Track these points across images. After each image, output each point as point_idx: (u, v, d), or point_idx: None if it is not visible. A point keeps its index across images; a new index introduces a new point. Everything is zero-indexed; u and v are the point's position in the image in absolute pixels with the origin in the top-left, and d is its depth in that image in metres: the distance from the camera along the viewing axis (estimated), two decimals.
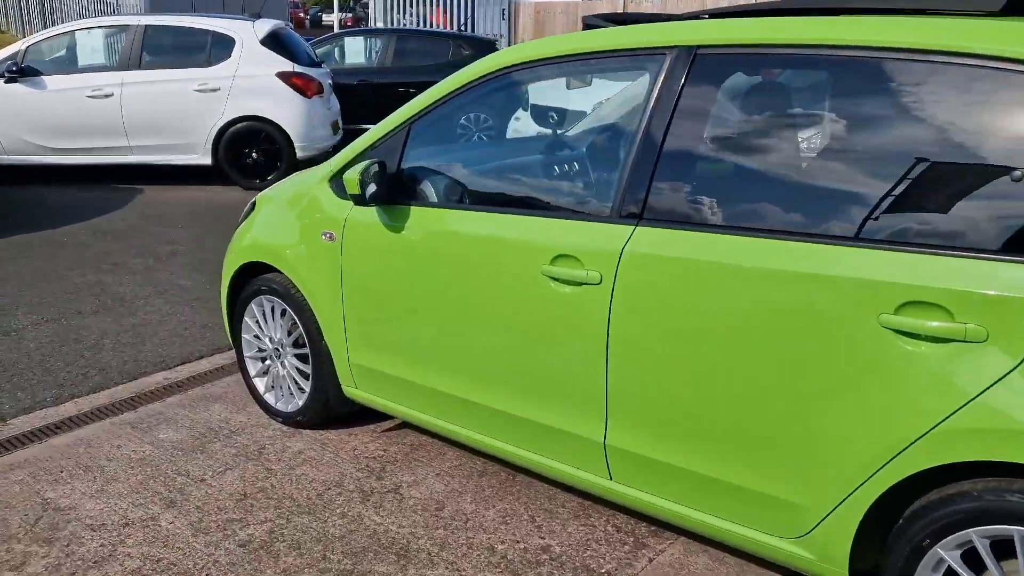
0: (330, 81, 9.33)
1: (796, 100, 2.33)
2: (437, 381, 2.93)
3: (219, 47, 8.56)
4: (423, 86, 11.33)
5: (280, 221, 3.42)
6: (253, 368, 3.74)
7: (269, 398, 3.69)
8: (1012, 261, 1.79)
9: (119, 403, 3.81)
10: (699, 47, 2.30)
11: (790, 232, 2.09)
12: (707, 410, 2.24)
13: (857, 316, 1.95)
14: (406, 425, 3.58)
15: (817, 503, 2.10)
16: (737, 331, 2.15)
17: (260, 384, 3.72)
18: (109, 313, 4.98)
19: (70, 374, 4.12)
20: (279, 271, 3.44)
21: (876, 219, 1.98)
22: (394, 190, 2.93)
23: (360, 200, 2.85)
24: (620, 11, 10.53)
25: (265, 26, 8.75)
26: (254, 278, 3.57)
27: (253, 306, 3.60)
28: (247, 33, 8.57)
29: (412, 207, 2.89)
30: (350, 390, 3.31)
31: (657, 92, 2.34)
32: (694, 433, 2.29)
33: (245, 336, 3.70)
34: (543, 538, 2.78)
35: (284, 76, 8.50)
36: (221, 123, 8.44)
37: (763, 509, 2.23)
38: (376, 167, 2.85)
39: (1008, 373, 1.77)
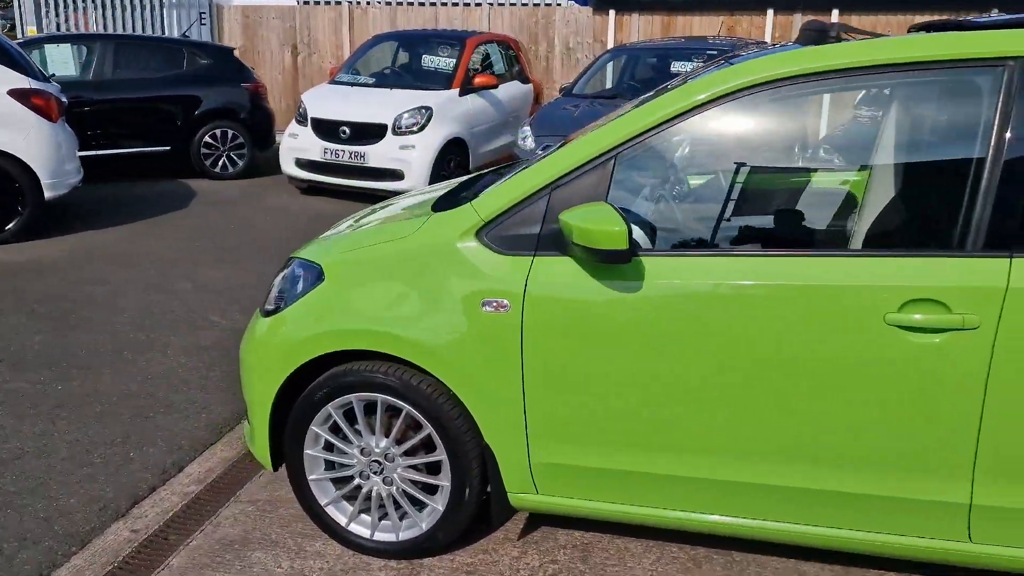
0: (65, 100, 7.47)
1: None
2: (701, 468, 2.37)
3: None
4: (162, 101, 9.70)
5: (385, 292, 2.54)
6: (326, 493, 2.77)
7: (358, 529, 2.76)
8: None
9: None
10: None
11: None
12: None
13: None
14: (538, 526, 2.90)
15: None
16: None
17: (340, 512, 2.77)
18: None
19: None
20: (389, 360, 2.57)
21: None
22: None
23: (615, 257, 2.18)
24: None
25: None
26: (328, 373, 2.63)
27: (332, 410, 2.65)
28: None
29: (656, 257, 2.30)
30: (523, 497, 2.58)
31: (1005, 106, 2.09)
32: None
33: (311, 452, 2.72)
34: None
35: (20, 95, 6.59)
36: None
37: None
38: (619, 210, 2.21)
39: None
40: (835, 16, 10.67)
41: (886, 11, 10.55)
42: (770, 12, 10.93)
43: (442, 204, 2.78)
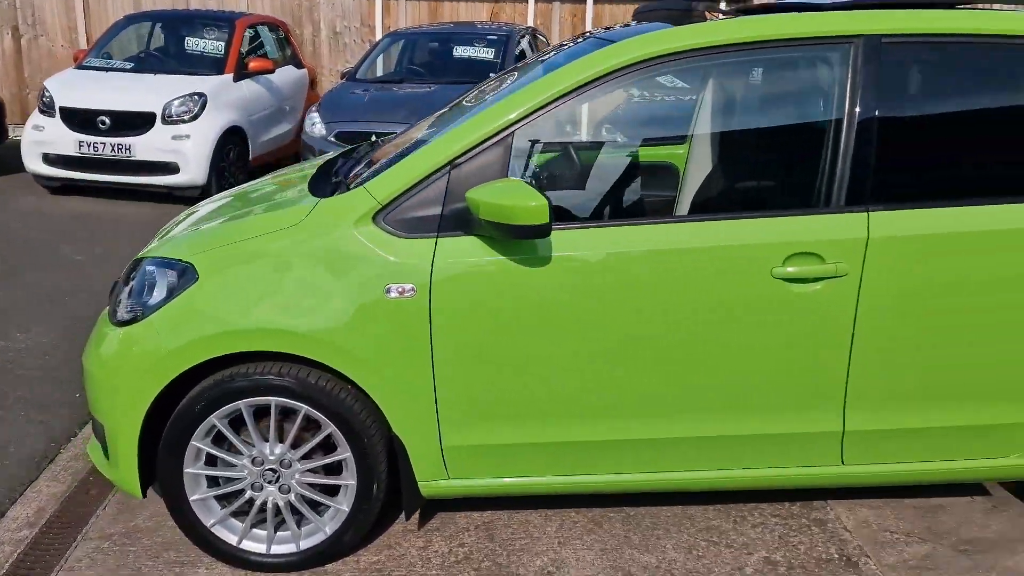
0: None
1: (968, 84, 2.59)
2: (609, 430, 2.46)
3: None
4: None
5: (278, 286, 2.35)
6: (211, 512, 2.52)
7: (252, 545, 2.55)
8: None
9: None
10: (883, 35, 2.40)
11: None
12: (951, 366, 2.45)
13: None
14: (435, 513, 2.86)
15: None
16: (982, 292, 2.40)
17: (229, 531, 2.54)
18: None
19: None
20: (280, 359, 2.39)
21: None
22: None
23: (534, 232, 2.17)
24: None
25: None
26: (210, 381, 2.40)
27: (216, 421, 2.41)
28: None
29: (561, 231, 2.33)
30: (435, 485, 2.51)
31: (854, 79, 2.37)
32: (936, 392, 2.47)
33: (192, 470, 2.46)
34: (748, 553, 2.63)
35: None
36: None
37: (980, 437, 2.54)
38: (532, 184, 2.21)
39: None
40: (590, 5, 11.34)
41: (631, 2, 11.39)
42: (531, 1, 11.37)
43: (319, 189, 2.62)
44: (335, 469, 2.51)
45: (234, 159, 7.72)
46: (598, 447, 2.51)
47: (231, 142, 7.70)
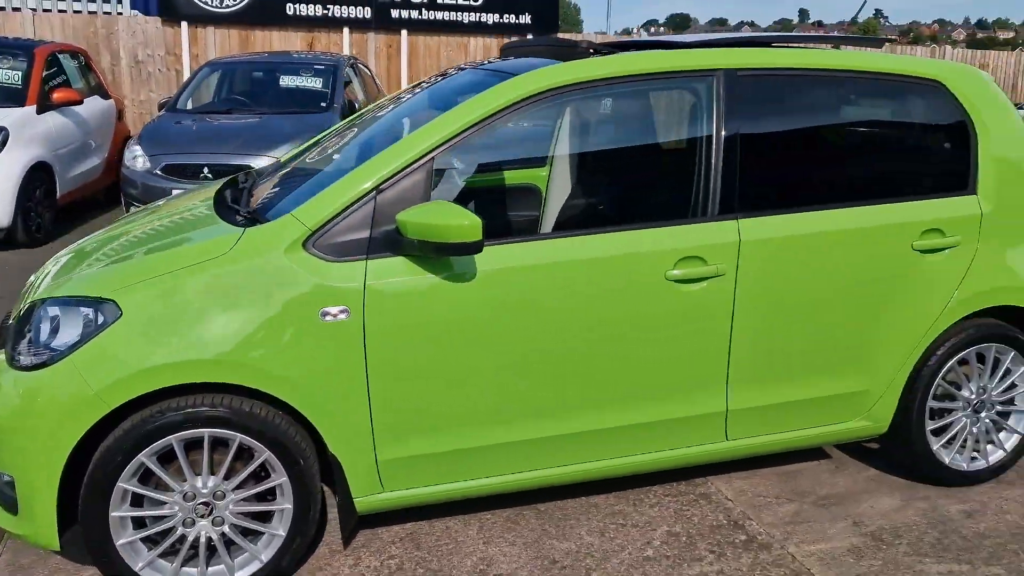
0: None
1: (808, 107, 3.04)
2: (529, 430, 2.67)
3: None
4: None
5: (211, 317, 2.35)
6: (139, 555, 2.46)
7: None
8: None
9: None
10: (737, 69, 2.82)
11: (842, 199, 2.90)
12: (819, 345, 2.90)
13: None
14: (358, 531, 2.93)
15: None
16: (827, 283, 2.87)
17: (158, 573, 2.48)
18: None
19: None
20: (212, 390, 2.39)
21: None
22: None
23: (468, 249, 2.34)
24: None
25: None
26: (138, 417, 2.35)
27: (144, 459, 2.37)
28: None
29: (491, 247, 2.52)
30: (370, 499, 2.60)
31: (718, 106, 2.77)
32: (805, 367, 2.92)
33: (118, 513, 2.39)
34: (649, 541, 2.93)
35: None
36: None
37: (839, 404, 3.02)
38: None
39: None
40: (404, 36, 11.60)
41: (446, 33, 11.79)
42: (346, 30, 11.44)
43: (228, 218, 2.64)
44: (267, 495, 2.53)
45: (41, 197, 7.18)
46: (519, 447, 2.71)
47: (37, 179, 7.15)
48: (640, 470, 2.93)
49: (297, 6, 11.10)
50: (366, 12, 11.40)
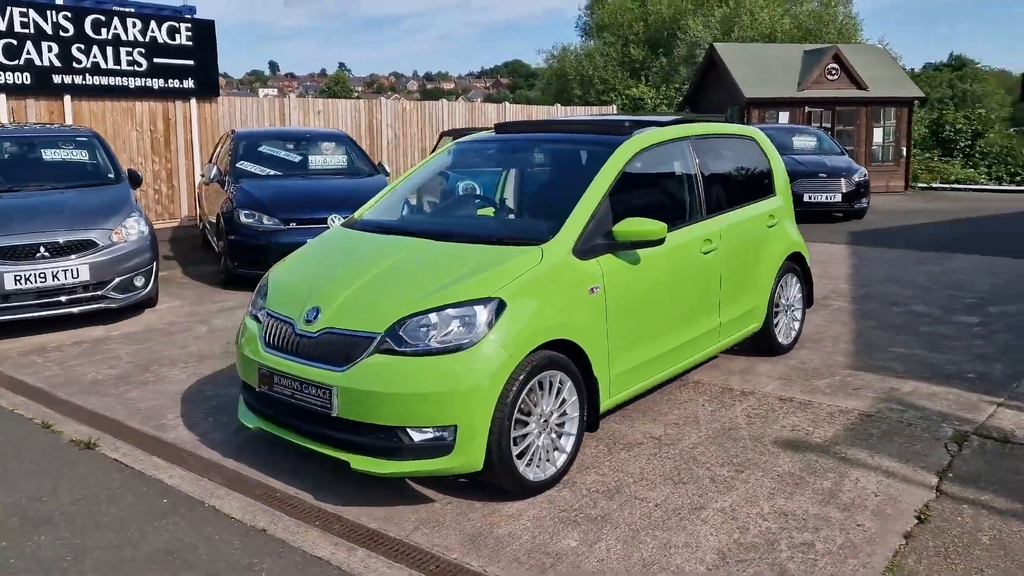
0: None
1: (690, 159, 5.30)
2: (668, 343, 4.59)
3: None
4: None
5: (545, 301, 3.79)
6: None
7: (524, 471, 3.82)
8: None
9: None
10: (696, 136, 5.07)
11: None
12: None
13: None
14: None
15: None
16: (745, 245, 5.31)
17: (521, 464, 3.77)
18: None
19: None
20: (556, 348, 3.83)
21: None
22: None
23: (658, 242, 4.17)
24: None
25: None
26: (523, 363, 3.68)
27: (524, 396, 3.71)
28: None
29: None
30: (605, 403, 4.20)
31: (693, 157, 5.00)
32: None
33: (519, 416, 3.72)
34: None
35: None
36: None
37: None
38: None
39: None
40: (68, 101, 11.16)
41: (111, 98, 11.61)
42: (2, 96, 10.60)
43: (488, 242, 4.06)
44: (563, 412, 3.99)
45: None
46: (661, 356, 4.55)
47: None
48: (697, 364, 5.00)
49: None
50: (25, 78, 10.73)
